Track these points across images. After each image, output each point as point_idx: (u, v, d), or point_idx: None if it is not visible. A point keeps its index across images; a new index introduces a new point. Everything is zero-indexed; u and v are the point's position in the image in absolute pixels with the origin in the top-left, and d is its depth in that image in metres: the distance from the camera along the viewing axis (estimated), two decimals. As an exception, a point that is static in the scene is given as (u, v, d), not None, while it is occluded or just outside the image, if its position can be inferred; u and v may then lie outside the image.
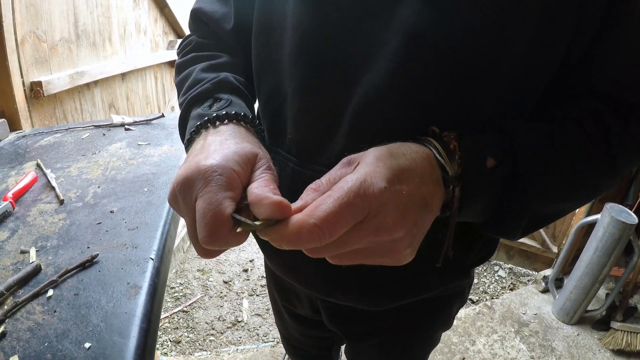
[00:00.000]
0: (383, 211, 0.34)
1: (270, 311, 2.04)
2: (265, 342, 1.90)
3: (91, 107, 1.77)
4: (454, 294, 0.74)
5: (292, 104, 0.55)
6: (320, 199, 0.35)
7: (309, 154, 0.57)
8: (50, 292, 0.66)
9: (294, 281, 0.70)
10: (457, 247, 0.53)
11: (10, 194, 0.87)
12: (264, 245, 0.72)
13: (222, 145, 0.43)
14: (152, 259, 0.73)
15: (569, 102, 0.48)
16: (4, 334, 0.59)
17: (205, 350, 1.85)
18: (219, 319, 2.03)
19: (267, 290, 2.14)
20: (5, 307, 0.64)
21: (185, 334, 1.94)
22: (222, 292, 2.21)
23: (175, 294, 2.17)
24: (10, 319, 0.62)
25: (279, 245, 0.35)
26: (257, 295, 2.20)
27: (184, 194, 0.39)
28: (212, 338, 1.92)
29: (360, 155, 0.39)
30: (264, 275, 2.27)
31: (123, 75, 2.03)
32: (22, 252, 0.75)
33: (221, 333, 1.95)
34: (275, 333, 1.94)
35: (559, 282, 2.15)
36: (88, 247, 0.76)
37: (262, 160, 0.43)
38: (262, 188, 0.37)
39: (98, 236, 0.79)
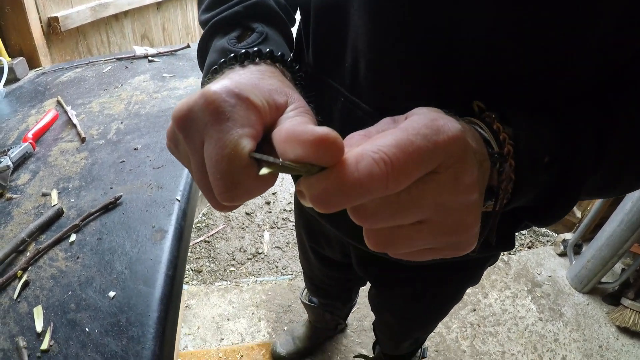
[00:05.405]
0: (462, 159, 0.26)
1: (290, 244, 2.07)
2: (284, 275, 1.92)
3: (120, 40, 1.66)
4: (489, 256, 0.71)
5: (356, 20, 0.43)
6: (380, 134, 0.25)
7: (373, 86, 0.45)
8: (73, 237, 0.62)
9: (329, 224, 0.64)
10: (508, 219, 0.49)
11: (30, 134, 0.81)
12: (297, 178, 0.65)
13: (242, 77, 0.32)
14: (178, 200, 0.66)
15: (619, 88, 0.42)
16: (27, 283, 0.55)
17: (225, 280, 1.89)
18: (239, 250, 2.05)
19: (287, 224, 2.14)
20: (28, 254, 0.59)
21: (207, 263, 1.98)
22: (244, 224, 2.21)
23: (198, 224, 2.20)
24: (33, 266, 0.58)
25: (320, 202, 0.24)
26: (278, 228, 2.19)
27: (187, 133, 0.28)
28: (232, 268, 1.96)
29: (406, 114, 0.29)
30: (286, 209, 2.27)
31: (158, 5, 1.88)
32: (44, 194, 0.70)
33: (241, 264, 1.98)
34: (294, 267, 1.96)
35: (577, 248, 2.08)
36: (111, 188, 0.70)
37: (296, 103, 0.31)
38: (298, 124, 0.26)
39: (121, 176, 0.73)
